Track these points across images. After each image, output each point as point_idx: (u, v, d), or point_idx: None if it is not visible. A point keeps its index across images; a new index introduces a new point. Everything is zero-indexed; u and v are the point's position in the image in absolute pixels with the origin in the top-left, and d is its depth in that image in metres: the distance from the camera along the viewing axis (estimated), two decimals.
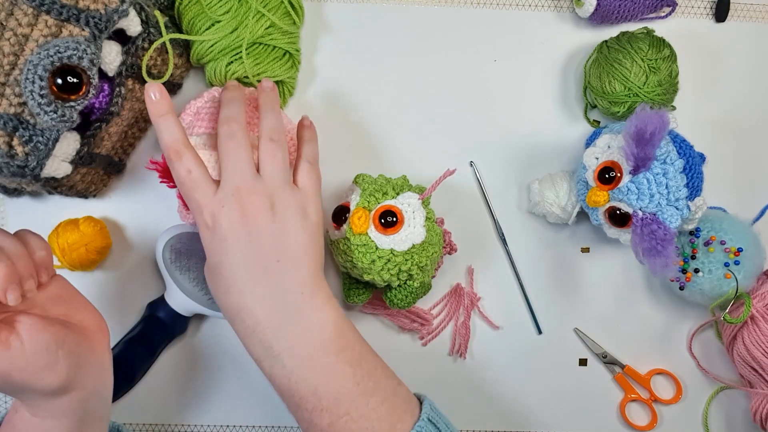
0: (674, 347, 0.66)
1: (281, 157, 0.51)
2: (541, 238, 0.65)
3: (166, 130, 0.50)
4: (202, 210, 0.49)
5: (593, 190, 0.56)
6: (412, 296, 0.57)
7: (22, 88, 0.46)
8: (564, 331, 0.65)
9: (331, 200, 0.63)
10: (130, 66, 0.54)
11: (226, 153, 0.50)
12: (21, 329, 0.42)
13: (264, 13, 0.57)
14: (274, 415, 0.64)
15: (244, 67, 0.58)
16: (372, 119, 0.65)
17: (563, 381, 0.65)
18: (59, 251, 0.59)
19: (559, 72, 0.66)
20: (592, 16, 0.63)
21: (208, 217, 0.49)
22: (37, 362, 0.43)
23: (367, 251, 0.55)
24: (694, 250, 0.60)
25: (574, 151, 0.65)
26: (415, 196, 0.56)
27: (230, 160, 0.50)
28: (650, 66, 0.59)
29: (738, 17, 0.67)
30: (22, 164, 0.48)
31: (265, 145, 0.51)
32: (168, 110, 0.50)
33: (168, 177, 0.53)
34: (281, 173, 0.51)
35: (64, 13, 0.47)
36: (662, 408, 0.65)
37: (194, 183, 0.49)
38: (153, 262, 0.62)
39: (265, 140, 0.51)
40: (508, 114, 0.66)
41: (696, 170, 0.56)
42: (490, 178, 0.65)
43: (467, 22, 0.66)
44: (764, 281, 0.62)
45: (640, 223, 0.54)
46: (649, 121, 0.51)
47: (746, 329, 0.60)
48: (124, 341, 0.61)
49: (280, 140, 0.52)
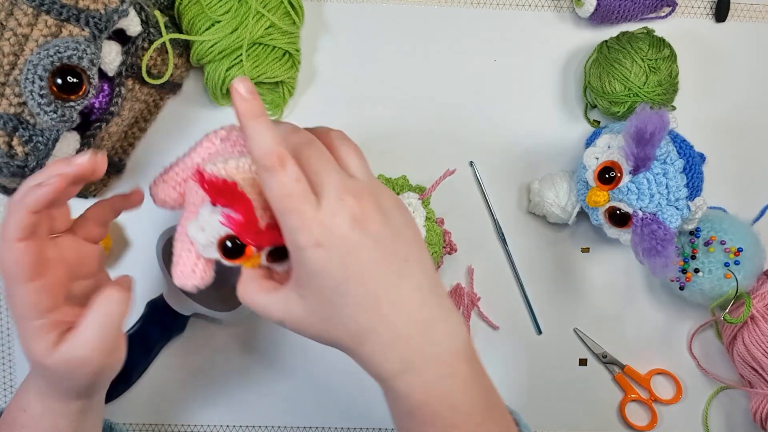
0: (674, 347, 0.66)
1: (359, 152, 0.46)
2: (541, 238, 0.65)
3: (264, 133, 0.40)
4: (309, 226, 0.40)
5: (593, 190, 0.56)
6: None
7: (22, 88, 0.46)
8: (564, 331, 0.65)
9: None
10: (130, 66, 0.54)
11: (312, 159, 0.43)
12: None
13: (264, 13, 0.57)
14: (274, 415, 0.64)
15: (244, 71, 0.58)
16: (372, 119, 0.65)
17: (563, 381, 0.65)
18: None
19: (559, 72, 0.66)
20: (592, 16, 0.63)
21: (319, 233, 0.40)
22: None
23: None
24: (694, 250, 0.60)
25: (574, 151, 0.65)
26: (415, 196, 0.56)
27: (321, 165, 0.42)
28: (650, 66, 0.59)
29: (738, 17, 0.67)
30: (22, 164, 0.48)
31: (341, 142, 0.46)
32: (262, 111, 0.41)
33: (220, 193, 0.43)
34: (367, 169, 0.45)
35: (64, 13, 0.47)
36: (662, 408, 0.65)
37: (303, 194, 0.41)
38: (153, 261, 0.62)
39: (337, 140, 0.46)
40: (508, 114, 0.66)
41: (696, 170, 0.56)
42: (490, 178, 0.65)
43: (467, 22, 0.66)
44: (764, 281, 0.62)
45: (640, 223, 0.54)
46: (649, 121, 0.51)
47: (746, 329, 0.60)
48: None
49: (348, 138, 0.47)
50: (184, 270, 0.45)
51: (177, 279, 0.45)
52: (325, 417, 0.64)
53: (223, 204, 0.41)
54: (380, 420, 0.65)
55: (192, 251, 0.45)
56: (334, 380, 0.64)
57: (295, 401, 0.64)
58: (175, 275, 0.45)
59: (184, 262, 0.45)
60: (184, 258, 0.45)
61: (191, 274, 0.45)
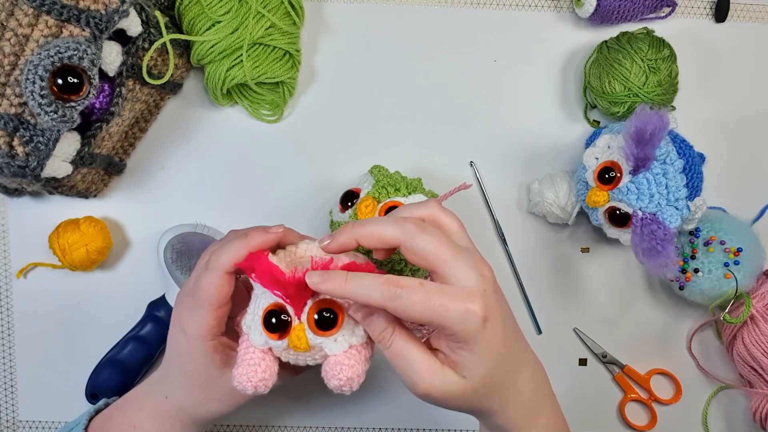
0: (674, 347, 0.66)
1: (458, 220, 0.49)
2: (541, 238, 0.65)
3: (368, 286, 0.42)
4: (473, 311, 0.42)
5: (593, 190, 0.56)
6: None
7: (23, 89, 0.46)
8: (564, 331, 0.65)
9: (323, 199, 0.63)
10: (130, 66, 0.54)
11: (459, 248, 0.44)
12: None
13: (264, 13, 0.57)
14: (274, 415, 0.64)
15: (244, 71, 0.58)
16: (372, 119, 0.65)
17: (563, 381, 0.65)
18: (59, 251, 0.59)
19: (559, 72, 0.66)
20: (592, 16, 0.63)
21: (481, 308, 0.42)
22: None
23: None
24: (694, 250, 0.60)
25: (574, 151, 0.65)
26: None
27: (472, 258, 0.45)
28: (650, 66, 0.59)
29: (738, 17, 0.67)
30: (23, 164, 0.48)
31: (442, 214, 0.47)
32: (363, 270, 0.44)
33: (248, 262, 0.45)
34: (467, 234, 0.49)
35: (64, 14, 0.47)
36: (662, 408, 0.65)
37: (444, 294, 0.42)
38: (153, 262, 0.62)
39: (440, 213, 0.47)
40: (508, 114, 0.66)
41: (696, 170, 0.56)
42: (490, 178, 0.65)
43: (467, 22, 0.66)
44: (764, 281, 0.62)
45: (639, 223, 0.54)
46: (649, 121, 0.51)
47: (746, 329, 0.60)
48: (125, 340, 0.61)
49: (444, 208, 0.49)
50: (247, 370, 0.45)
51: (237, 381, 0.45)
52: (331, 416, 0.64)
53: (250, 269, 0.44)
54: (384, 420, 0.65)
55: (251, 349, 0.45)
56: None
57: (299, 401, 0.64)
58: (236, 377, 0.45)
59: (247, 363, 0.45)
60: (246, 359, 0.45)
61: (253, 374, 0.45)
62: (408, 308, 0.41)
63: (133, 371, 0.61)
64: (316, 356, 0.45)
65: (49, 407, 0.63)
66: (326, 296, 0.44)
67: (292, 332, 0.44)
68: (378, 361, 0.50)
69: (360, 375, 0.45)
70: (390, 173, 0.59)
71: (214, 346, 0.48)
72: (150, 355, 0.61)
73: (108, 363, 0.61)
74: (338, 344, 0.45)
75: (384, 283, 0.42)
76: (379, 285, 0.41)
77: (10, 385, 0.64)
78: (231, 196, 0.64)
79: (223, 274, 0.46)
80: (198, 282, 0.47)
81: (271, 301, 0.45)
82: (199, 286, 0.47)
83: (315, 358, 0.46)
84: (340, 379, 0.44)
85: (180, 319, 0.49)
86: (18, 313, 0.63)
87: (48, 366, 0.63)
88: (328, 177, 0.64)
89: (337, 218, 0.58)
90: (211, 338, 0.48)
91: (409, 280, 0.42)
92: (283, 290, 0.43)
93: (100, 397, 0.61)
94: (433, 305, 0.41)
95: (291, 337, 0.44)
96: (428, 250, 0.43)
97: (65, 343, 0.63)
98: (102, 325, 0.63)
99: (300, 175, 0.64)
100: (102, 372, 0.61)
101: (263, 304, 0.45)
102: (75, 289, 0.63)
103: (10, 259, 0.63)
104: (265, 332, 0.44)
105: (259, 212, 0.64)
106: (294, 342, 0.44)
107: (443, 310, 0.41)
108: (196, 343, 0.48)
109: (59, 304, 0.63)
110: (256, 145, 0.64)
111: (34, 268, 0.63)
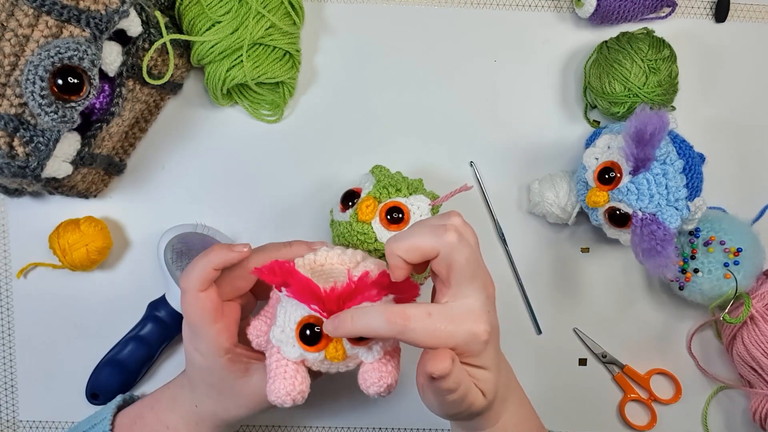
0: (674, 347, 0.66)
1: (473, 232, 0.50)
2: (541, 238, 0.65)
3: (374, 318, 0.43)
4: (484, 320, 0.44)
5: (593, 190, 0.56)
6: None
7: (23, 89, 0.46)
8: (564, 331, 0.65)
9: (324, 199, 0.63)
10: (130, 66, 0.54)
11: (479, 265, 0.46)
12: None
13: (264, 13, 0.57)
14: (274, 415, 0.64)
15: (244, 71, 0.58)
16: (372, 119, 0.65)
17: (563, 381, 0.65)
18: (59, 251, 0.59)
19: (559, 72, 0.66)
20: (592, 16, 0.63)
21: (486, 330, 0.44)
22: None
23: (365, 240, 0.55)
24: (694, 250, 0.60)
25: (574, 151, 0.65)
26: (427, 201, 0.56)
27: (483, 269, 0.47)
28: (650, 66, 0.59)
29: (738, 17, 0.67)
30: (23, 165, 0.48)
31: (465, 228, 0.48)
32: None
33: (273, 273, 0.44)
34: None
35: (64, 14, 0.47)
36: (662, 408, 0.65)
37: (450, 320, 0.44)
38: (153, 262, 0.62)
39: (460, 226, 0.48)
40: (508, 114, 0.66)
41: (696, 170, 0.56)
42: (490, 178, 0.65)
43: (467, 22, 0.66)
44: (764, 281, 0.62)
45: (639, 223, 0.54)
46: (649, 121, 0.51)
47: (746, 329, 0.60)
48: (125, 341, 0.61)
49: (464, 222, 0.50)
50: (285, 383, 0.45)
51: (275, 396, 0.45)
52: (331, 416, 0.65)
53: (282, 283, 0.44)
54: (384, 420, 0.65)
55: (284, 362, 0.46)
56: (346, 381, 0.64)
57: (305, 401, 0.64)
58: (273, 392, 0.45)
59: (282, 377, 0.45)
60: (281, 373, 0.45)
61: (291, 387, 0.45)
62: (416, 339, 0.42)
63: (133, 371, 0.61)
64: (349, 364, 0.47)
65: (49, 407, 0.63)
66: (358, 302, 0.44)
67: (330, 345, 0.45)
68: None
69: (397, 380, 0.46)
70: (391, 173, 0.59)
71: (230, 359, 0.49)
72: (150, 355, 0.61)
73: (108, 363, 0.61)
74: (374, 352, 0.46)
75: (389, 317, 0.42)
76: (385, 319, 0.42)
77: (10, 385, 0.64)
78: (231, 196, 0.64)
79: (197, 293, 0.48)
80: (182, 305, 0.49)
81: (305, 314, 0.45)
82: (183, 310, 0.49)
83: (348, 365, 0.47)
84: (380, 386, 0.46)
85: (189, 339, 0.50)
86: (18, 313, 0.63)
87: (48, 366, 0.63)
88: (328, 177, 0.64)
89: (337, 218, 0.58)
90: (225, 353, 0.48)
91: (414, 310, 0.43)
92: (321, 305, 0.43)
93: (101, 397, 0.61)
94: (440, 335, 0.42)
95: (329, 349, 0.45)
96: (461, 264, 0.44)
97: (65, 343, 0.63)
98: (102, 325, 0.63)
99: (300, 174, 0.64)
100: (102, 372, 0.61)
101: (295, 318, 0.45)
102: (75, 289, 0.63)
103: (10, 259, 0.63)
104: (301, 345, 0.45)
105: (259, 212, 0.64)
106: (332, 354, 0.44)
107: (449, 337, 0.42)
108: (211, 360, 0.49)
109: (59, 304, 0.63)
110: (257, 145, 0.64)
111: (34, 268, 0.63)
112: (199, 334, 0.48)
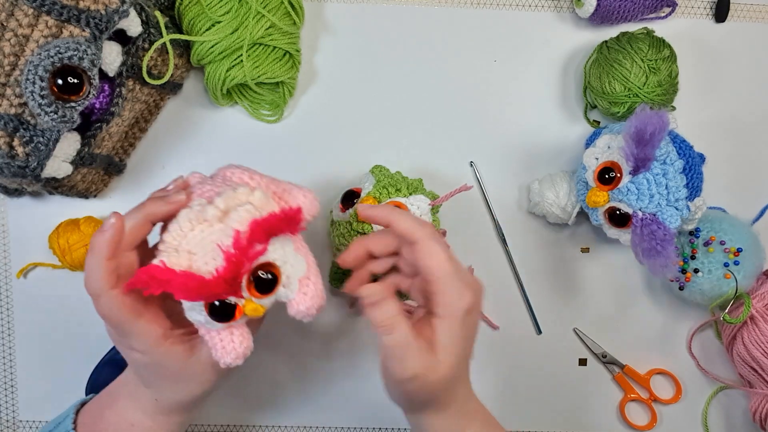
0: (674, 347, 0.66)
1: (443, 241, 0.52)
2: (541, 238, 0.65)
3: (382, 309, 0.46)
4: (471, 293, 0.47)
5: (593, 190, 0.56)
6: (399, 294, 0.57)
7: (23, 89, 0.46)
8: (564, 331, 0.65)
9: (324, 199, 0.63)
10: (130, 66, 0.54)
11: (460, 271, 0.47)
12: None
13: (264, 13, 0.57)
14: (274, 415, 0.64)
15: (244, 71, 0.58)
16: (372, 119, 0.65)
17: (563, 381, 0.65)
18: (59, 251, 0.59)
19: (559, 72, 0.66)
20: (592, 16, 0.63)
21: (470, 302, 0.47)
22: None
23: None
24: (694, 250, 0.60)
25: (574, 151, 0.65)
26: (426, 201, 0.56)
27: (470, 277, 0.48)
28: (650, 66, 0.59)
29: (738, 17, 0.67)
30: (23, 164, 0.48)
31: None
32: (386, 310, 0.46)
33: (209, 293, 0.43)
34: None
35: (64, 14, 0.47)
36: (662, 408, 0.65)
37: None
38: None
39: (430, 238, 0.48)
40: (508, 114, 0.66)
41: (696, 170, 0.56)
42: (490, 178, 0.65)
43: (467, 22, 0.66)
44: (764, 281, 0.62)
45: (639, 223, 0.54)
46: (649, 121, 0.51)
47: (746, 329, 0.60)
48: None
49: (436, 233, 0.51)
50: (226, 351, 0.45)
51: (224, 363, 0.45)
52: (331, 416, 0.65)
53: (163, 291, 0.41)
54: (384, 420, 0.65)
55: (214, 332, 0.45)
56: (349, 381, 0.64)
57: (304, 401, 0.64)
58: (222, 360, 0.45)
59: (221, 345, 0.45)
60: (218, 342, 0.45)
61: (234, 352, 0.45)
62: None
63: None
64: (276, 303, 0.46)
65: (49, 407, 0.63)
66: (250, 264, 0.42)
67: (246, 308, 0.43)
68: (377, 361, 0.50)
69: (323, 296, 0.46)
70: (391, 173, 0.59)
71: (171, 344, 0.46)
72: None
73: (108, 363, 0.61)
74: (291, 289, 0.45)
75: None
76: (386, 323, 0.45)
77: (10, 385, 0.64)
78: None
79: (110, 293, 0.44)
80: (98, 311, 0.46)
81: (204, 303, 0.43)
82: (102, 315, 0.46)
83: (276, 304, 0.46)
84: (311, 315, 0.46)
85: (119, 342, 0.48)
86: (18, 313, 0.63)
87: (48, 366, 0.63)
88: (328, 177, 0.64)
89: (337, 218, 0.58)
90: (163, 340, 0.46)
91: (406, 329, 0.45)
92: (212, 295, 0.42)
93: None
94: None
95: (247, 311, 0.43)
96: (442, 256, 0.46)
97: (65, 343, 0.63)
98: (102, 325, 0.62)
99: (300, 175, 0.64)
100: (102, 372, 0.61)
101: (199, 307, 0.43)
102: (75, 289, 0.63)
103: (10, 259, 0.63)
104: (218, 323, 0.44)
105: None
106: (253, 314, 0.44)
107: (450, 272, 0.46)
108: (152, 353, 0.46)
109: (59, 304, 0.63)
110: (256, 145, 0.64)
111: (34, 268, 0.63)
112: (129, 333, 0.45)
